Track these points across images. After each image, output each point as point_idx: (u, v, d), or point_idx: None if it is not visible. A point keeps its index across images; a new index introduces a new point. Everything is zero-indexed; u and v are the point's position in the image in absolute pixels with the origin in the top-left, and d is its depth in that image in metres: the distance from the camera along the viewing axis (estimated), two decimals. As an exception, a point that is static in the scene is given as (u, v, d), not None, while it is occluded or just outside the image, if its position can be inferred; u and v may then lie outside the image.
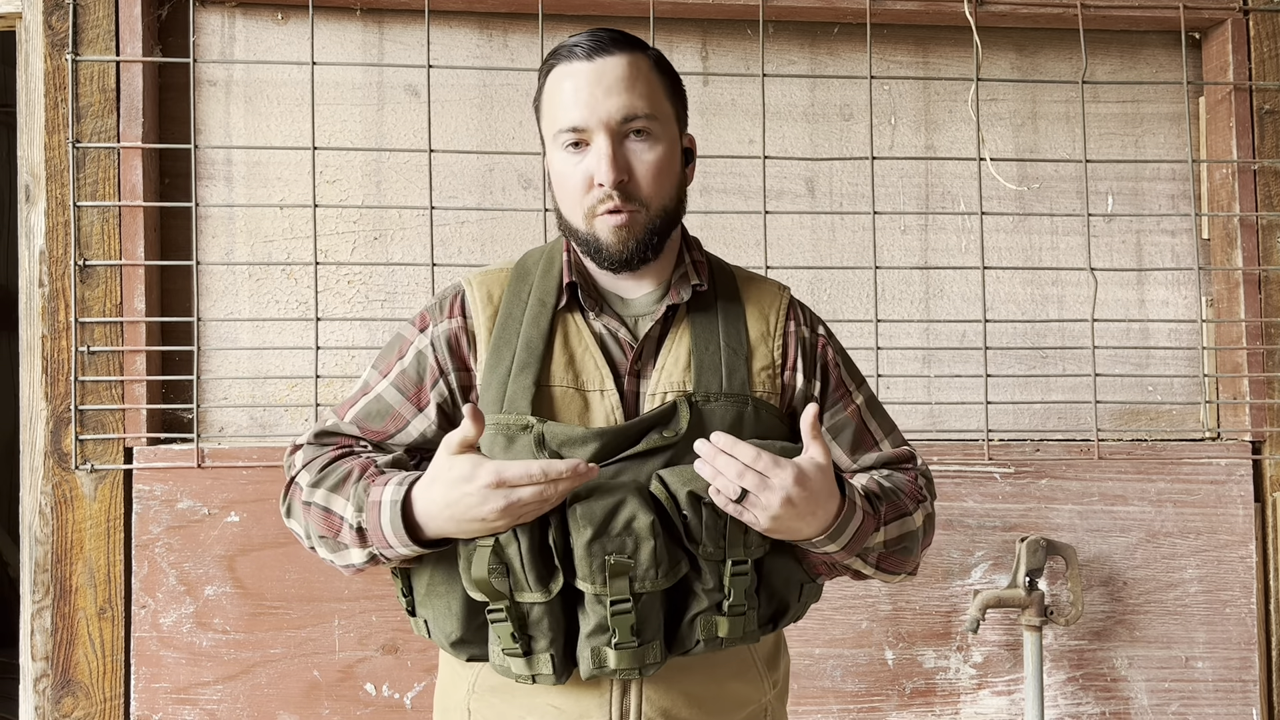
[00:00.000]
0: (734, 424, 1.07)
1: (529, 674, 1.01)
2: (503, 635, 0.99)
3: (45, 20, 1.84)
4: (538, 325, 1.09)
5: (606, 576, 0.96)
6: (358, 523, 1.00)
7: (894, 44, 2.08)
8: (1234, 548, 2.00)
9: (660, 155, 1.07)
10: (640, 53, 1.08)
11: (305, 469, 1.10)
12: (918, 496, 1.13)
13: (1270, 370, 2.03)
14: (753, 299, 1.16)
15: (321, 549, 1.07)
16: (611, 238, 1.06)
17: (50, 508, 1.83)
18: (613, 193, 1.04)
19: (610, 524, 0.97)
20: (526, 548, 0.97)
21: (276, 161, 1.96)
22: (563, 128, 1.06)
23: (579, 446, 1.03)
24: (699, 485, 0.98)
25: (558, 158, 1.08)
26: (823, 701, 1.93)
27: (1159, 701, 1.99)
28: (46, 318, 1.85)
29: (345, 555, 1.04)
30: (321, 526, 1.04)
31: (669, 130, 1.09)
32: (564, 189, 1.08)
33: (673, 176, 1.10)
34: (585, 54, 1.06)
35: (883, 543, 1.06)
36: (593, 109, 1.04)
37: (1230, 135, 2.05)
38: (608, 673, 1.00)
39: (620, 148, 1.05)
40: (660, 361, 1.10)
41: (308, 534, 1.08)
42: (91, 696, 1.82)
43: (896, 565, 1.10)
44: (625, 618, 0.97)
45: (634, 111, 1.05)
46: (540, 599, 0.98)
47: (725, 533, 0.99)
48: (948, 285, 2.08)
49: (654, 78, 1.09)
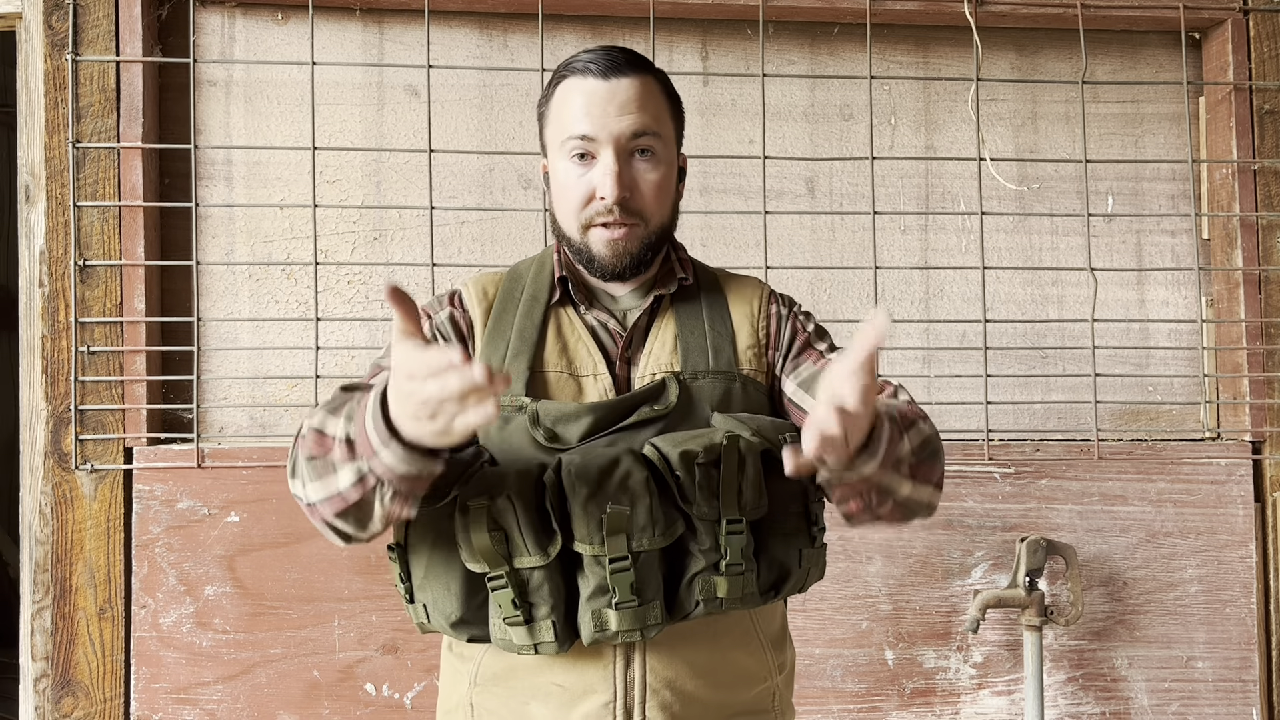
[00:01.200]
0: (722, 399, 1.11)
1: (530, 643, 1.01)
2: (503, 604, 1.00)
3: (45, 20, 1.84)
4: (531, 317, 1.14)
5: (604, 535, 0.98)
6: (346, 433, 0.93)
7: (894, 44, 2.08)
8: (1234, 548, 2.00)
9: (662, 174, 1.12)
10: (651, 75, 1.13)
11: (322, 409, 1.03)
12: (920, 414, 1.11)
13: (1270, 370, 2.03)
14: (734, 290, 1.22)
15: (308, 480, 0.97)
16: (605, 250, 1.11)
17: (50, 508, 1.83)
18: (614, 208, 1.09)
19: (606, 482, 0.99)
20: (523, 511, 0.98)
21: (276, 161, 1.96)
22: (572, 135, 1.09)
23: (572, 421, 1.05)
24: (692, 447, 1.01)
25: (561, 166, 1.11)
26: (823, 701, 1.93)
27: (1159, 701, 1.99)
28: (46, 318, 1.85)
29: (333, 481, 0.94)
30: (313, 447, 0.97)
31: (670, 151, 1.14)
32: (564, 198, 1.12)
33: (670, 195, 1.15)
34: (600, 73, 1.09)
35: (911, 450, 1.03)
36: (604, 123, 1.08)
37: (1230, 135, 2.05)
38: (609, 636, 1.01)
39: (626, 165, 1.09)
40: (648, 347, 1.14)
41: (295, 469, 0.99)
42: (91, 696, 1.82)
43: (928, 473, 1.05)
44: (625, 575, 0.98)
45: (642, 128, 1.09)
46: (539, 562, 0.99)
47: (718, 493, 1.01)
48: (948, 285, 2.08)
49: (661, 99, 1.13)
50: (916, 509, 1.06)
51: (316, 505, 0.98)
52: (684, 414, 1.08)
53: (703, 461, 1.00)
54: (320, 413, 0.99)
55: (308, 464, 0.97)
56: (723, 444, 1.01)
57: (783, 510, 1.07)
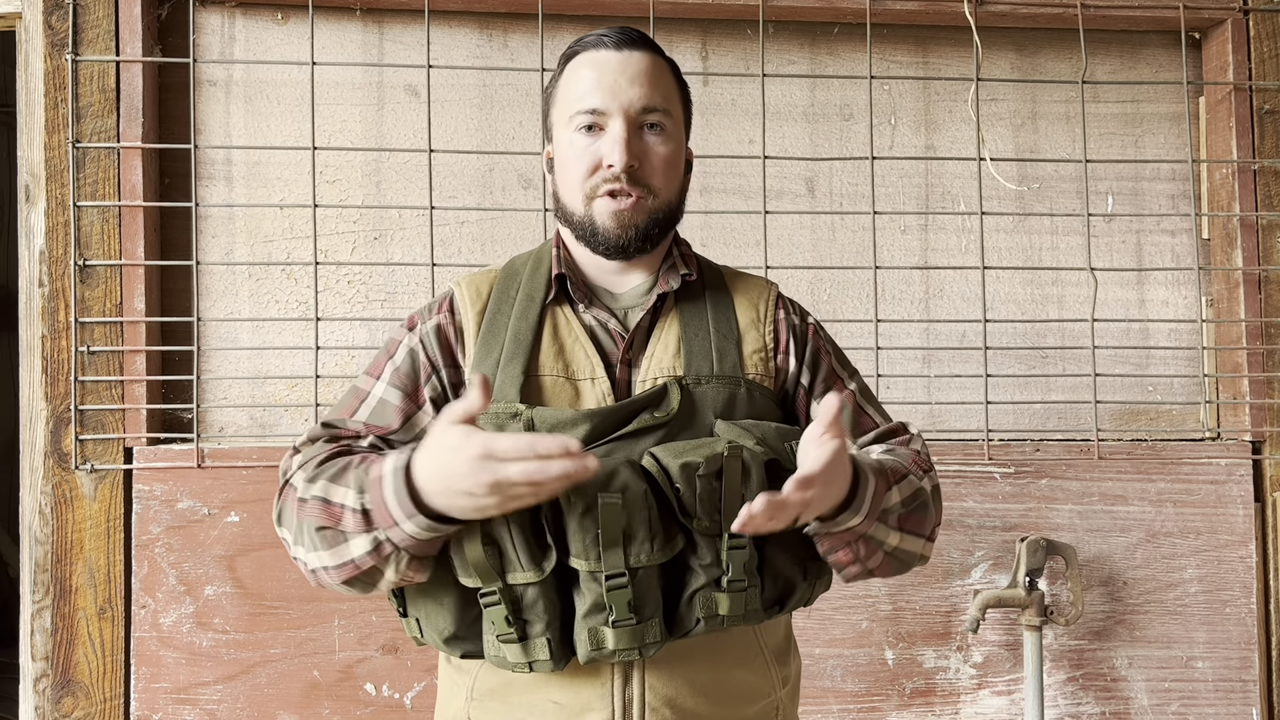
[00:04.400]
0: (726, 405, 1.07)
1: (525, 661, 0.98)
2: (497, 621, 0.97)
3: (45, 20, 1.84)
4: (526, 318, 1.10)
5: (600, 550, 0.95)
6: (361, 504, 0.94)
7: (894, 44, 2.08)
8: (1234, 548, 2.00)
9: (672, 150, 1.11)
10: (663, 57, 1.13)
11: (300, 469, 1.04)
12: (923, 466, 1.12)
13: (1270, 370, 2.03)
14: (740, 290, 1.18)
15: (317, 547, 0.97)
16: (610, 222, 1.08)
17: (50, 508, 1.83)
18: (621, 175, 1.07)
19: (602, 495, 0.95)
20: (517, 526, 0.95)
21: (276, 161, 1.96)
22: (581, 109, 1.08)
23: (569, 429, 1.02)
24: (692, 458, 0.97)
25: (567, 138, 1.10)
26: (823, 701, 1.93)
27: (1159, 701, 1.99)
28: (46, 318, 1.85)
29: (344, 550, 0.95)
30: (321, 517, 0.96)
31: (679, 132, 1.13)
32: (569, 169, 1.10)
33: (678, 174, 1.14)
34: (614, 44, 1.09)
35: (899, 502, 1.05)
36: (615, 94, 1.07)
37: (1230, 135, 2.05)
38: (606, 655, 0.97)
39: (636, 135, 1.08)
40: (650, 349, 1.10)
41: (299, 535, 1.00)
42: (91, 696, 1.82)
43: (918, 525, 1.07)
44: (622, 593, 0.95)
45: (653, 104, 1.09)
46: (533, 579, 0.96)
47: (720, 506, 0.97)
48: (948, 285, 2.08)
49: (672, 81, 1.14)
50: (909, 559, 1.08)
51: (322, 571, 0.99)
52: (686, 421, 1.05)
53: (704, 473, 0.96)
54: (319, 478, 0.99)
55: (317, 534, 0.97)
56: (725, 454, 0.97)
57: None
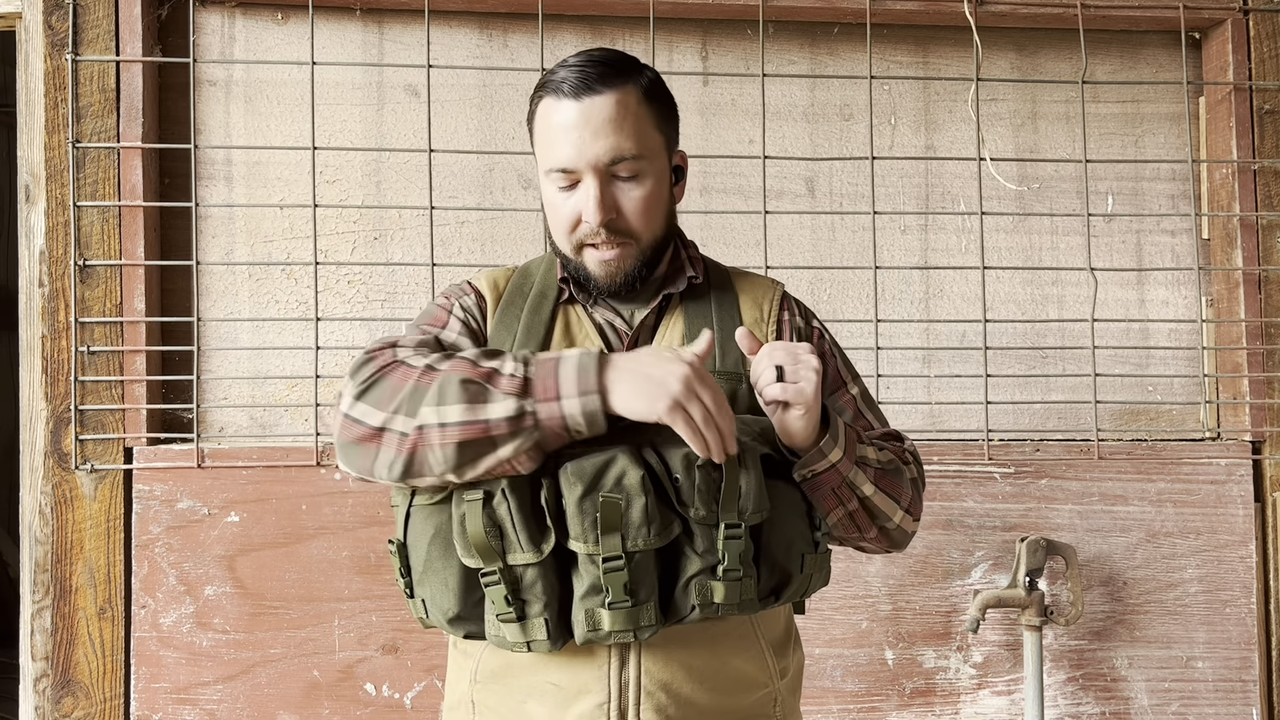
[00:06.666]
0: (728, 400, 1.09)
1: (523, 640, 1.01)
2: (496, 600, 1.00)
3: (45, 20, 1.84)
4: (538, 313, 1.16)
5: (599, 533, 0.97)
6: (524, 373, 0.97)
7: (894, 44, 2.08)
8: (1234, 548, 2.00)
9: (648, 191, 1.12)
10: (629, 85, 1.10)
11: (415, 353, 1.04)
12: (905, 459, 1.17)
13: (1270, 370, 2.03)
14: (746, 290, 1.22)
15: (446, 401, 0.96)
16: (599, 270, 1.14)
17: (50, 508, 1.83)
18: (600, 230, 1.10)
19: (601, 480, 0.98)
20: (517, 506, 0.98)
21: (276, 161, 1.96)
22: (553, 167, 1.11)
23: None
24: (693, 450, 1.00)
25: (549, 190, 1.13)
26: (823, 701, 1.93)
27: (1159, 701, 1.99)
28: (46, 318, 1.85)
29: (483, 409, 0.95)
30: (469, 371, 0.97)
31: (657, 163, 1.13)
32: (554, 219, 1.14)
33: (661, 207, 1.15)
34: (572, 92, 1.08)
35: (875, 459, 1.10)
36: (580, 152, 1.08)
37: (1230, 135, 2.05)
38: (602, 636, 1.00)
39: (608, 188, 1.10)
40: (655, 345, 1.15)
41: (415, 394, 0.97)
42: (91, 696, 1.82)
43: (893, 487, 1.12)
44: (618, 575, 0.97)
45: (621, 154, 1.08)
46: (532, 559, 0.98)
47: (718, 496, 1.00)
48: (948, 285, 2.08)
49: (641, 111, 1.11)
50: (884, 521, 1.13)
51: (433, 429, 0.96)
52: None
53: (702, 464, 0.99)
54: (456, 355, 1.01)
55: (460, 386, 0.96)
56: None
57: (785, 515, 1.06)
